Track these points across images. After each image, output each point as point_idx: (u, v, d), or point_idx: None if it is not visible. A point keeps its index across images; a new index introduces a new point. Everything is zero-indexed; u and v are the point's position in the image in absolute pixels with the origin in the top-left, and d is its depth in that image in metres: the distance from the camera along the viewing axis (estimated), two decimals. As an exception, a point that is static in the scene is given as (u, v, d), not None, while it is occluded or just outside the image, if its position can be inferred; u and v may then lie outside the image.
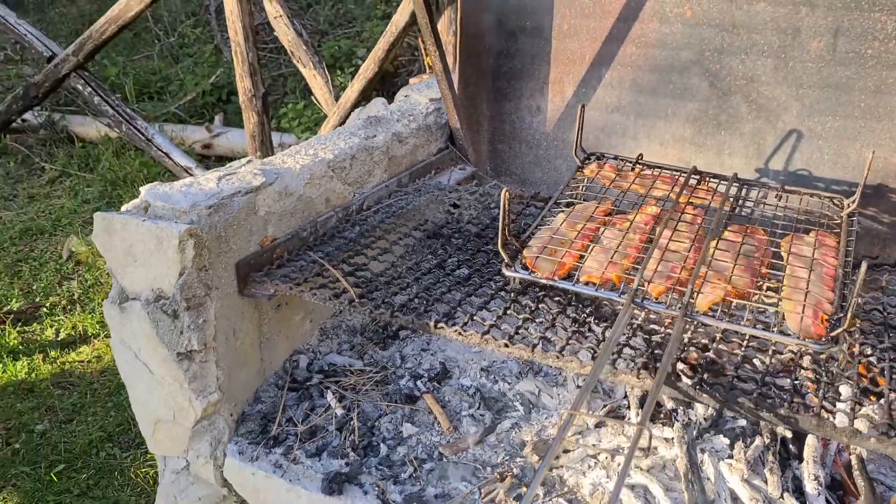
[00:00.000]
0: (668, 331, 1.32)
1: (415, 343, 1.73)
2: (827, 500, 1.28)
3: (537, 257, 1.33)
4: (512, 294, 1.39)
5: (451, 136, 2.07)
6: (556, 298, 1.40)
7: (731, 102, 1.86)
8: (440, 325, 1.28)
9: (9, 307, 4.39)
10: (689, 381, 1.16)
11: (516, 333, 1.27)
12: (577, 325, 1.31)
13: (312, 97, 5.22)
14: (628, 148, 1.98)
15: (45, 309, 4.42)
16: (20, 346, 4.09)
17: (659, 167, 1.72)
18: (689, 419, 1.42)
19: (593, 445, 1.41)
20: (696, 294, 1.26)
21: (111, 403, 3.69)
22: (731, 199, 1.55)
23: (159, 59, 8.22)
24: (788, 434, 1.39)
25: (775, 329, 1.21)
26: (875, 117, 1.77)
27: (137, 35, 8.87)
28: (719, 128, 1.89)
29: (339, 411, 1.52)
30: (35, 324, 4.29)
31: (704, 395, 1.14)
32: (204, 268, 1.37)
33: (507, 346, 1.23)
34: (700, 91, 1.89)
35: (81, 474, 3.24)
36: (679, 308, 1.21)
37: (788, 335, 1.18)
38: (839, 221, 1.51)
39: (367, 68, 4.68)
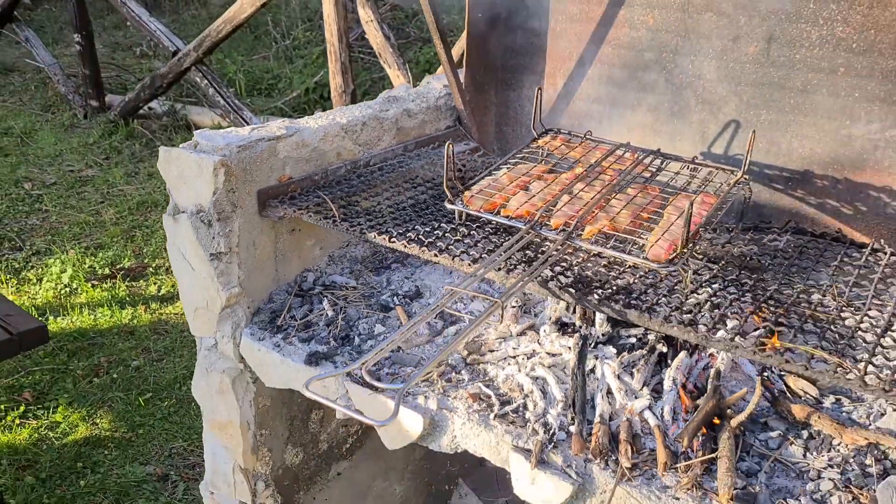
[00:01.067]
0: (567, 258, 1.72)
1: (401, 273, 2.18)
2: (677, 395, 1.64)
3: (472, 196, 1.76)
4: (453, 224, 1.82)
5: (459, 118, 2.52)
6: (487, 230, 1.82)
7: (683, 96, 2.23)
8: (392, 239, 1.74)
9: (122, 265, 5.11)
10: (555, 285, 1.56)
11: (446, 249, 1.70)
12: (492, 246, 1.73)
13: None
14: (603, 131, 2.36)
15: (150, 269, 5.13)
16: (127, 298, 4.79)
17: (601, 141, 2.10)
18: (589, 333, 1.80)
19: (513, 348, 1.82)
20: (582, 227, 1.65)
21: (195, 350, 4.32)
22: (645, 166, 1.92)
23: (274, 60, 8.94)
24: (665, 349, 1.76)
25: (633, 254, 1.59)
26: (802, 113, 2.09)
27: (258, 37, 9.65)
28: (672, 117, 2.25)
29: (330, 312, 1.99)
30: (141, 280, 5.00)
31: (565, 293, 1.54)
32: (232, 190, 1.86)
33: (416, 247, 1.67)
34: (658, 86, 2.26)
35: (164, 402, 3.85)
36: (562, 233, 1.61)
37: (638, 257, 1.56)
38: (725, 187, 1.86)
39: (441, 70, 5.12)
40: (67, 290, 4.72)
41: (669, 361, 1.74)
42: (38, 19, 10.64)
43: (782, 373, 1.71)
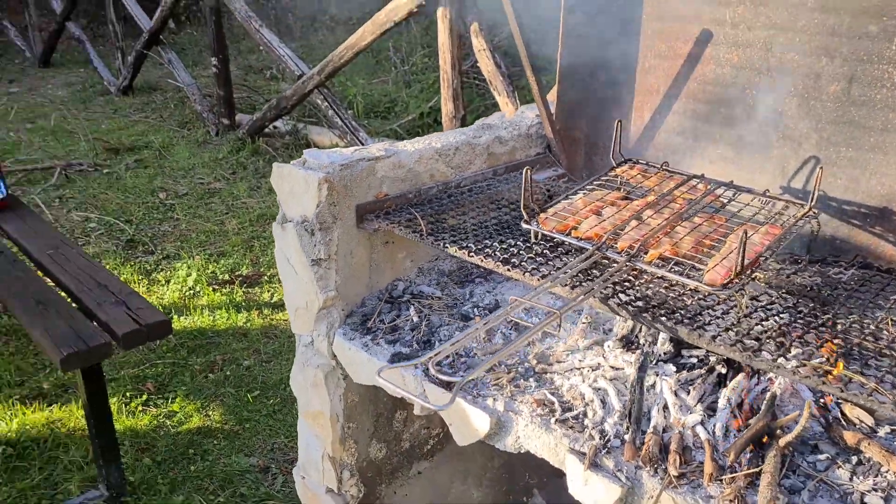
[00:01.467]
0: (635, 282, 1.85)
1: (484, 287, 2.35)
2: (730, 413, 1.74)
3: (547, 217, 1.92)
4: (529, 244, 1.98)
5: (549, 145, 2.67)
6: (560, 251, 1.97)
7: (764, 131, 2.30)
8: (472, 254, 1.91)
9: (240, 272, 5.50)
10: (614, 302, 1.70)
11: (518, 265, 1.87)
12: (562, 264, 1.88)
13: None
14: (686, 164, 2.46)
15: (265, 277, 5.49)
16: (243, 302, 5.15)
17: (677, 172, 2.21)
18: (651, 351, 1.92)
19: (578, 360, 1.96)
20: (645, 250, 1.78)
21: (300, 351, 4.56)
22: (715, 196, 2.02)
23: (393, 84, 9.31)
24: (724, 371, 1.85)
25: (691, 278, 1.70)
26: (882, 151, 2.14)
27: (379, 62, 10.08)
28: (754, 151, 2.33)
29: (415, 319, 2.18)
30: (256, 287, 5.36)
31: (622, 309, 1.67)
32: (333, 204, 2.09)
33: (491, 262, 1.83)
34: (740, 121, 2.34)
35: (270, 400, 4.13)
36: (626, 255, 1.75)
37: (695, 280, 1.67)
38: (791, 219, 1.93)
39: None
40: (191, 292, 5.12)
41: (728, 383, 1.83)
42: (181, 42, 11.48)
43: (839, 400, 1.77)
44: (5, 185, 4.01)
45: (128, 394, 4.03)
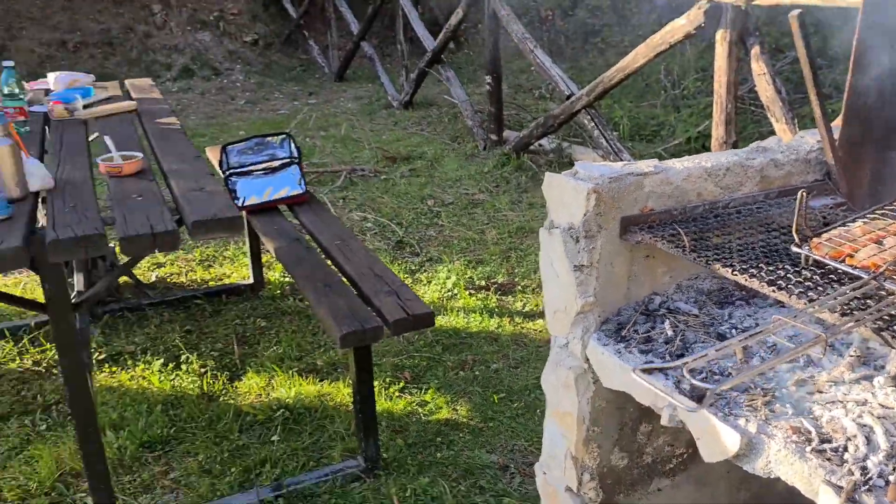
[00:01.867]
0: (915, 315, 1.74)
1: (744, 310, 2.31)
2: None
3: (821, 242, 1.86)
4: (798, 268, 1.93)
5: (829, 172, 2.56)
6: (831, 277, 1.90)
7: None
8: (735, 273, 1.91)
9: (496, 280, 5.76)
10: (888, 334, 1.61)
11: (785, 287, 1.83)
12: (832, 290, 1.81)
13: (777, 149, 5.60)
14: None
15: (519, 287, 5.70)
16: (496, 308, 5.39)
17: (978, 207, 2.03)
18: (930, 393, 1.79)
19: (843, 393, 1.88)
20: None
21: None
22: None
23: (661, 107, 9.22)
24: None
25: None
26: None
27: (648, 85, 10.03)
28: None
29: (670, 332, 2.20)
30: (510, 296, 5.58)
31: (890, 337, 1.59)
32: (599, 214, 2.18)
33: (756, 282, 1.81)
34: None
35: (514, 404, 4.30)
36: (906, 287, 1.66)
37: None
38: None
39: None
40: (449, 294, 5.45)
41: None
42: (457, 61, 12.19)
43: None
44: (305, 182, 4.57)
45: (387, 379, 4.39)
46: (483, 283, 5.64)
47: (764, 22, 9.41)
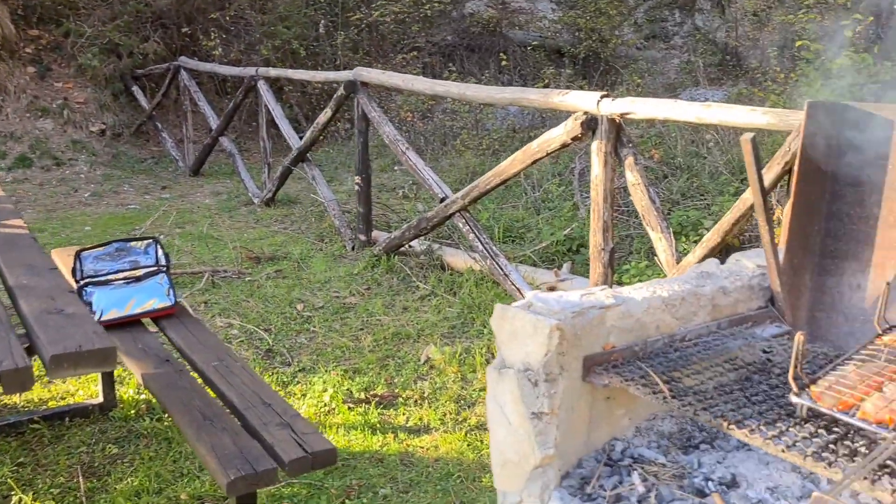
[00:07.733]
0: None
1: (711, 455, 2.09)
2: None
3: (822, 392, 1.68)
4: (795, 419, 1.74)
5: (772, 298, 2.45)
6: (834, 430, 1.71)
7: None
8: (731, 426, 1.68)
9: (375, 391, 5.37)
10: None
11: (794, 446, 1.62)
12: (846, 450, 1.62)
13: (655, 258, 5.70)
14: (940, 332, 2.19)
15: (401, 399, 5.33)
16: (378, 424, 4.98)
17: (957, 346, 1.94)
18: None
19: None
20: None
21: (440, 487, 4.32)
22: None
23: (523, 209, 9.33)
24: None
25: None
26: None
27: (509, 188, 10.16)
28: None
29: (641, 489, 1.94)
30: (392, 409, 5.19)
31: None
32: (562, 353, 1.92)
33: (759, 439, 1.59)
34: None
35: (410, 539, 3.86)
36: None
37: None
38: None
39: (711, 238, 5.08)
40: (327, 409, 5.00)
41: None
42: (317, 159, 11.92)
43: None
44: (175, 294, 4.06)
45: (264, 518, 3.85)
46: (362, 395, 5.22)
47: (638, 135, 9.87)
